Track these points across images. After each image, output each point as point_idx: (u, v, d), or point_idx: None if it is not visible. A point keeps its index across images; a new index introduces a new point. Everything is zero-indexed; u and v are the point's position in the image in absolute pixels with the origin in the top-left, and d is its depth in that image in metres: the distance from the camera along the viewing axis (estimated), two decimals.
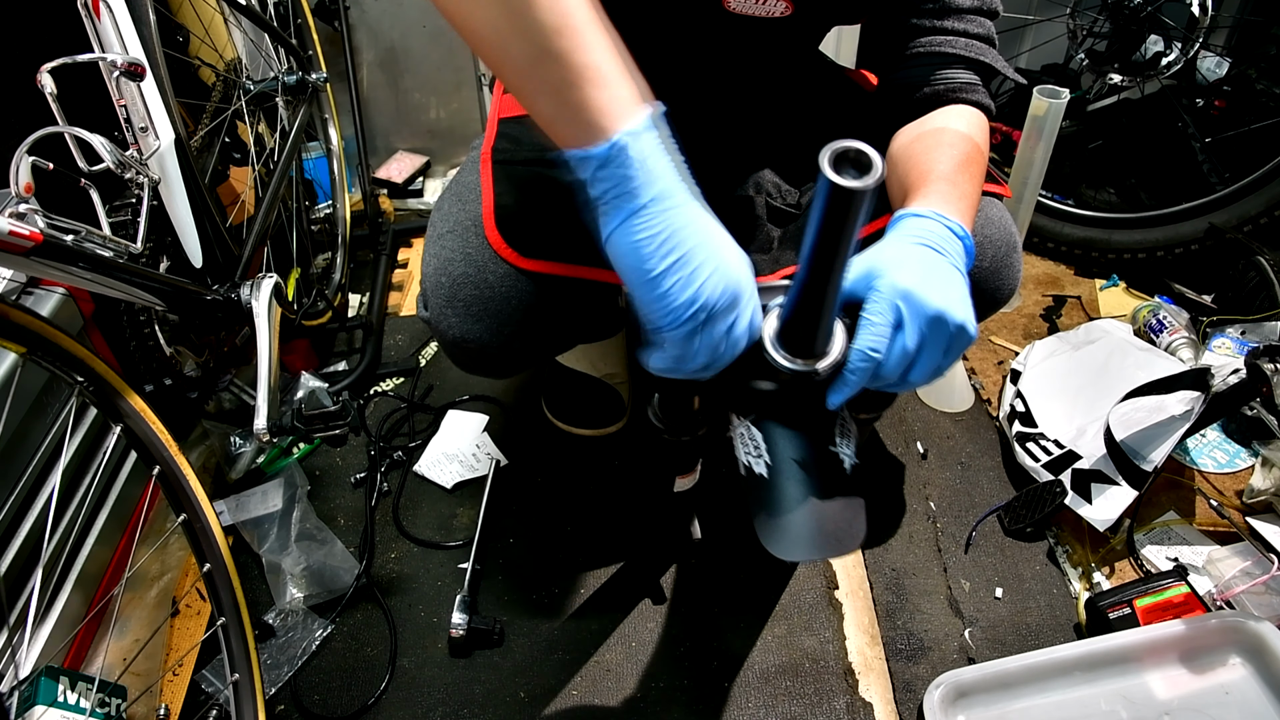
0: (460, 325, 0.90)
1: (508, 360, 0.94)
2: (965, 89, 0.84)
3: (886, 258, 0.66)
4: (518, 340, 0.92)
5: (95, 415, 1.06)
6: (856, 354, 0.64)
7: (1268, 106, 1.54)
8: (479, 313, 0.89)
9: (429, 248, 0.92)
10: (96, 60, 0.97)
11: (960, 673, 0.98)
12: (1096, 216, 1.65)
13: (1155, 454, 1.14)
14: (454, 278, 0.89)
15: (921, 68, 0.85)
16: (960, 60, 0.85)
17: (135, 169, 1.01)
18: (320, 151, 1.74)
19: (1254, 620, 0.98)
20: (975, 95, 0.85)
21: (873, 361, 0.63)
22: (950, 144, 0.80)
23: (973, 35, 0.85)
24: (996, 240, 0.93)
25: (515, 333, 0.91)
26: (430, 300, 0.91)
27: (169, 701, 1.01)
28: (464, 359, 0.95)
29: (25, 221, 0.79)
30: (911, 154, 0.81)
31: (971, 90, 0.85)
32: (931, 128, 0.83)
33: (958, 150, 0.79)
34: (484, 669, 1.06)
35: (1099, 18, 1.64)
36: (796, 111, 1.05)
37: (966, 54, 0.84)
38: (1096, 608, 1.04)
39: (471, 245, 0.90)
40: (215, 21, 1.49)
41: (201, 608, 1.12)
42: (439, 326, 0.91)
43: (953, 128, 0.82)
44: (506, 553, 1.19)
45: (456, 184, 0.98)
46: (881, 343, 0.64)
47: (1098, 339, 1.39)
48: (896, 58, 0.88)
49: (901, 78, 0.87)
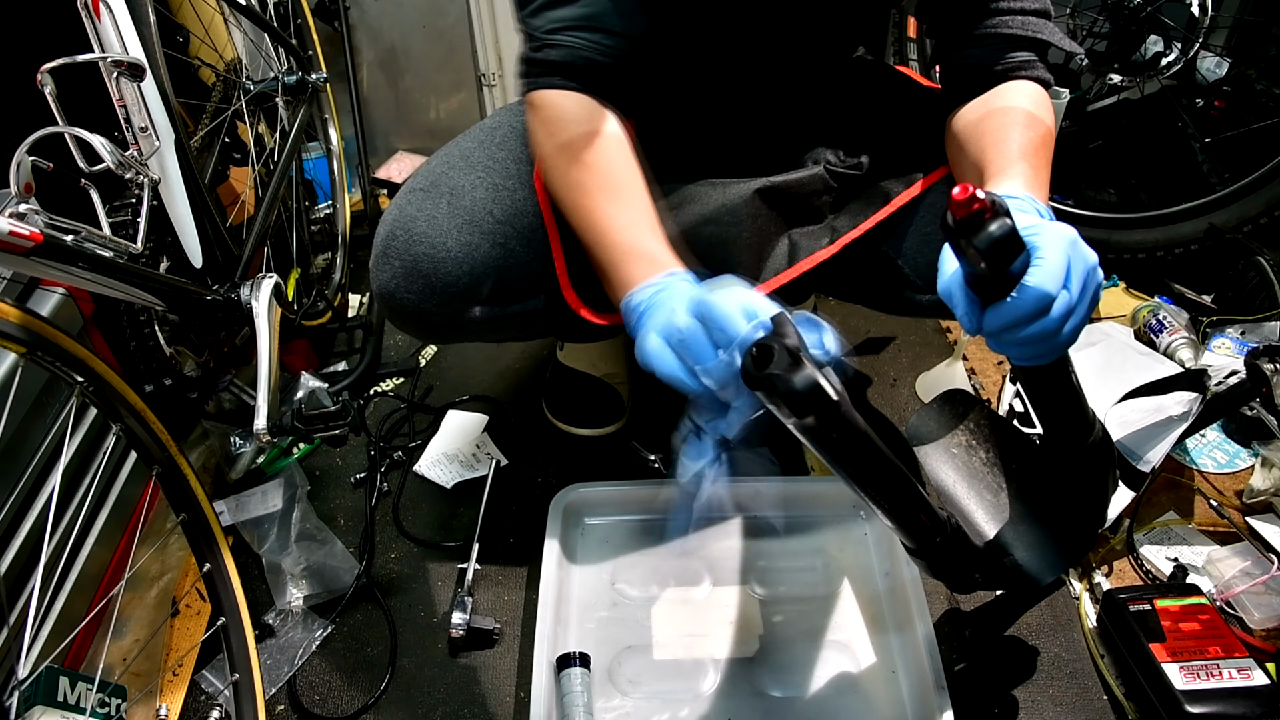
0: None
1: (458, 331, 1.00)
2: (1025, 66, 0.87)
3: (1039, 220, 0.66)
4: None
5: (95, 415, 1.06)
6: (1031, 291, 0.60)
7: (1268, 106, 1.54)
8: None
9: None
10: (96, 60, 0.97)
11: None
12: (1096, 216, 1.65)
13: (1153, 454, 1.14)
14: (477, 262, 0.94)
15: (982, 48, 0.88)
16: (1019, 40, 0.87)
17: (135, 169, 1.01)
18: (320, 151, 1.74)
19: None
20: (1035, 71, 0.87)
21: (1042, 295, 0.60)
22: (1024, 124, 0.82)
23: (1029, 11, 0.87)
24: None
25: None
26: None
27: (169, 701, 1.01)
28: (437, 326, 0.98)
29: (25, 221, 0.79)
30: (985, 131, 0.84)
31: (1031, 67, 0.87)
32: (1001, 105, 0.85)
33: (1033, 132, 0.81)
34: (484, 669, 1.06)
35: (1099, 18, 1.64)
36: (850, 95, 1.07)
37: (1024, 33, 0.86)
38: (1115, 600, 1.04)
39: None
40: (215, 21, 1.49)
41: (201, 608, 1.12)
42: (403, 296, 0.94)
43: (1021, 106, 0.84)
44: (506, 553, 1.19)
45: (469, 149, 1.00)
46: (1051, 281, 0.60)
47: (1098, 341, 1.40)
48: (957, 39, 0.90)
49: (964, 59, 0.89)
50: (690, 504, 0.69)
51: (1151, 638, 0.99)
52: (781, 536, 1.16)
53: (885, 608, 1.08)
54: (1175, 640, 0.99)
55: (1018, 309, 0.61)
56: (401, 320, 0.98)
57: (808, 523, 1.18)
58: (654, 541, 1.16)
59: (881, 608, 1.08)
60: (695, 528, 1.16)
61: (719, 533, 1.17)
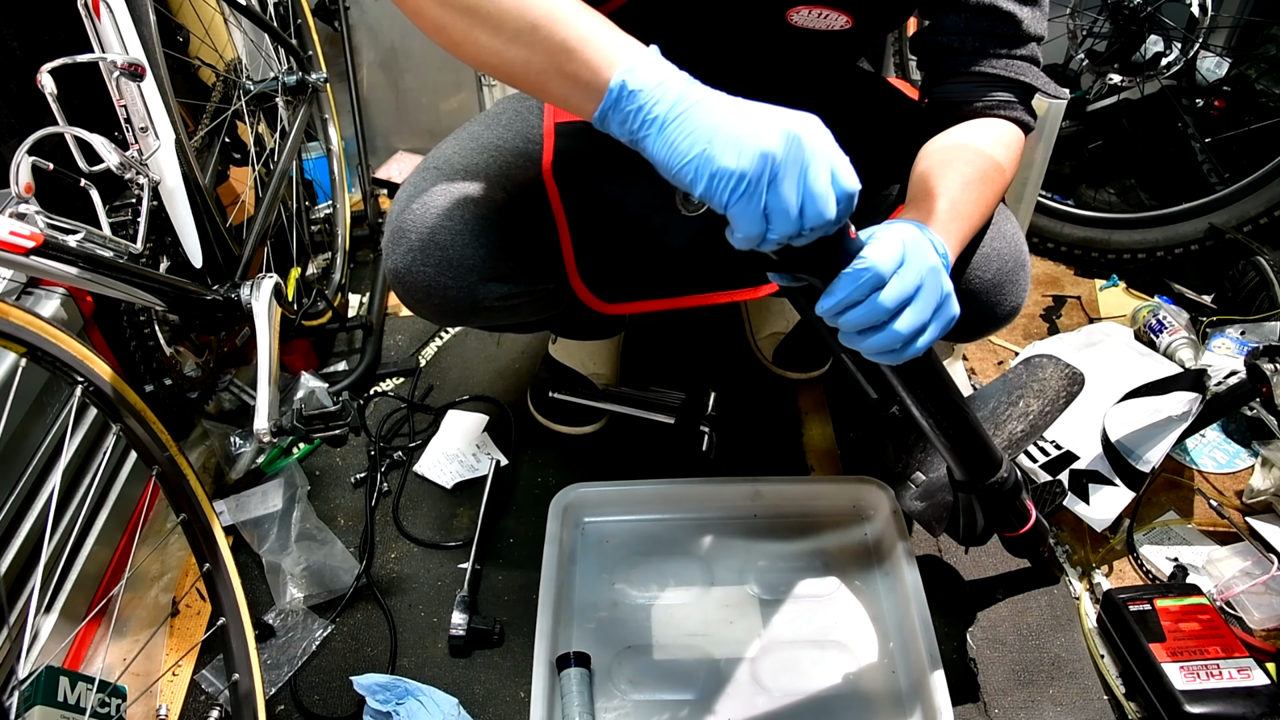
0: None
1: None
2: (1003, 105, 0.87)
3: (891, 225, 0.68)
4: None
5: (95, 415, 1.07)
6: (860, 262, 0.63)
7: (1268, 106, 1.54)
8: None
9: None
10: (96, 60, 0.97)
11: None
12: (1096, 217, 1.66)
13: (1152, 454, 1.14)
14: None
15: (963, 84, 0.88)
16: (1001, 80, 0.87)
17: (135, 169, 1.01)
18: (320, 151, 1.74)
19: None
20: (1013, 111, 0.87)
21: (873, 272, 0.62)
22: (966, 160, 0.82)
23: (1016, 56, 0.87)
24: (1004, 254, 0.93)
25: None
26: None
27: (169, 701, 1.01)
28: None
29: (26, 222, 0.79)
30: (929, 166, 0.84)
31: (1009, 107, 0.87)
32: (957, 141, 0.85)
33: (972, 168, 0.81)
34: (484, 669, 1.06)
35: (1099, 18, 1.64)
36: (847, 118, 1.06)
37: (1007, 74, 0.86)
38: (1115, 600, 1.04)
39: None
40: (215, 21, 1.49)
41: (201, 608, 1.12)
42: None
43: (973, 144, 0.84)
44: (506, 553, 1.19)
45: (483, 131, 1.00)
46: (886, 259, 0.63)
47: (1099, 341, 1.40)
48: (943, 75, 0.90)
49: (945, 93, 0.90)
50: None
51: (1151, 638, 0.99)
52: (781, 537, 1.16)
53: (885, 608, 1.08)
54: (1175, 640, 0.99)
55: (846, 284, 0.63)
56: (417, 298, 0.96)
57: (808, 523, 1.18)
58: (654, 541, 1.17)
59: (881, 608, 1.08)
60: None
61: (719, 533, 1.17)
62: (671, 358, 1.51)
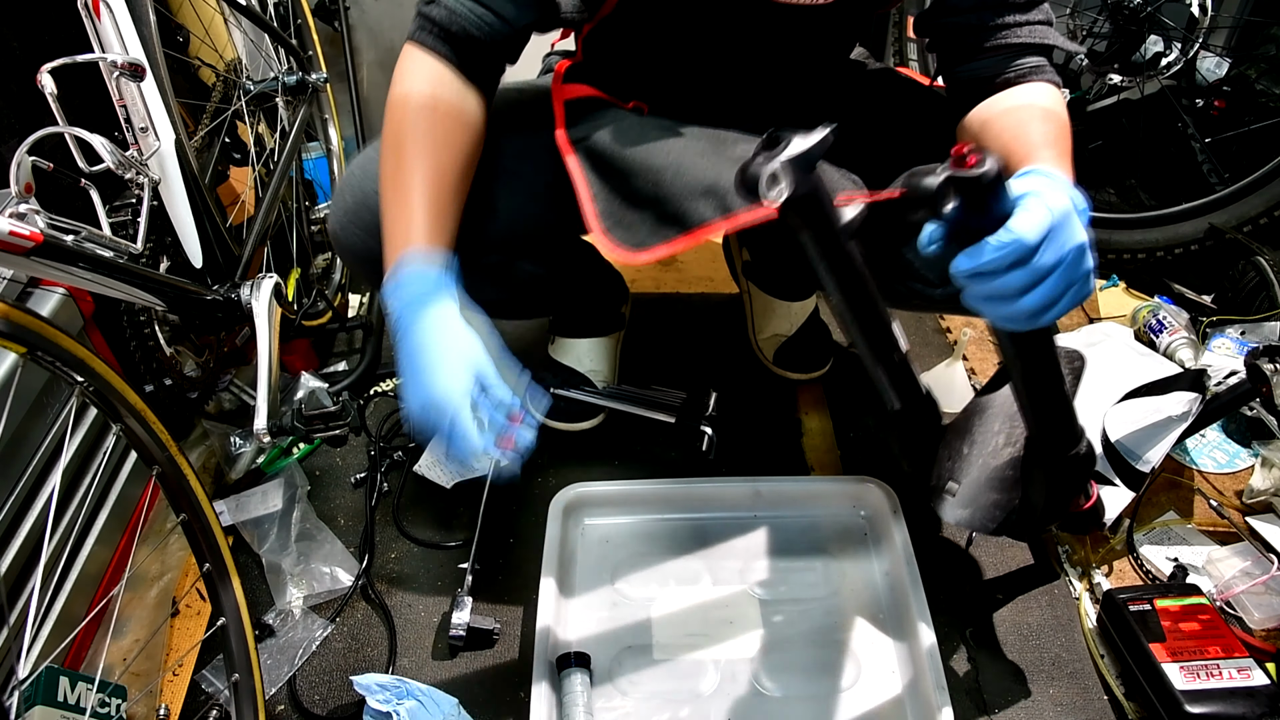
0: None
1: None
2: (1036, 70, 0.87)
3: (1042, 184, 0.65)
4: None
5: (95, 415, 1.06)
6: (1006, 234, 0.61)
7: (1268, 106, 1.54)
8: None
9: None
10: (96, 60, 0.97)
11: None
12: (1096, 217, 1.65)
13: (1152, 455, 1.14)
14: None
15: (992, 59, 0.88)
16: (1028, 47, 0.87)
17: (135, 169, 1.01)
18: (320, 151, 1.74)
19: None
20: (1047, 75, 0.88)
21: (1018, 245, 0.61)
22: (1041, 118, 0.83)
23: (1035, 21, 0.87)
24: None
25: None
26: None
27: (169, 701, 1.01)
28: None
29: (25, 221, 0.79)
30: (1004, 126, 0.84)
31: (1042, 71, 0.88)
32: (1016, 103, 0.86)
33: (1051, 124, 0.82)
34: (484, 669, 1.06)
35: (1099, 18, 1.64)
36: (840, 102, 1.07)
37: (1031, 40, 0.87)
38: (1115, 600, 1.04)
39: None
40: (215, 21, 1.49)
41: (201, 608, 1.12)
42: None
43: (1037, 102, 0.85)
44: (506, 552, 1.19)
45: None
46: (1033, 231, 0.61)
47: (1099, 341, 1.40)
48: (963, 54, 0.90)
49: (972, 70, 0.90)
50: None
51: (1151, 638, 0.99)
52: (781, 536, 1.16)
53: (885, 607, 1.08)
54: (1175, 640, 0.99)
55: (989, 252, 0.62)
56: (349, 260, 1.01)
57: (808, 523, 1.18)
58: (654, 541, 1.17)
59: (881, 608, 1.08)
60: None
61: (719, 533, 1.17)
62: (672, 358, 1.51)
